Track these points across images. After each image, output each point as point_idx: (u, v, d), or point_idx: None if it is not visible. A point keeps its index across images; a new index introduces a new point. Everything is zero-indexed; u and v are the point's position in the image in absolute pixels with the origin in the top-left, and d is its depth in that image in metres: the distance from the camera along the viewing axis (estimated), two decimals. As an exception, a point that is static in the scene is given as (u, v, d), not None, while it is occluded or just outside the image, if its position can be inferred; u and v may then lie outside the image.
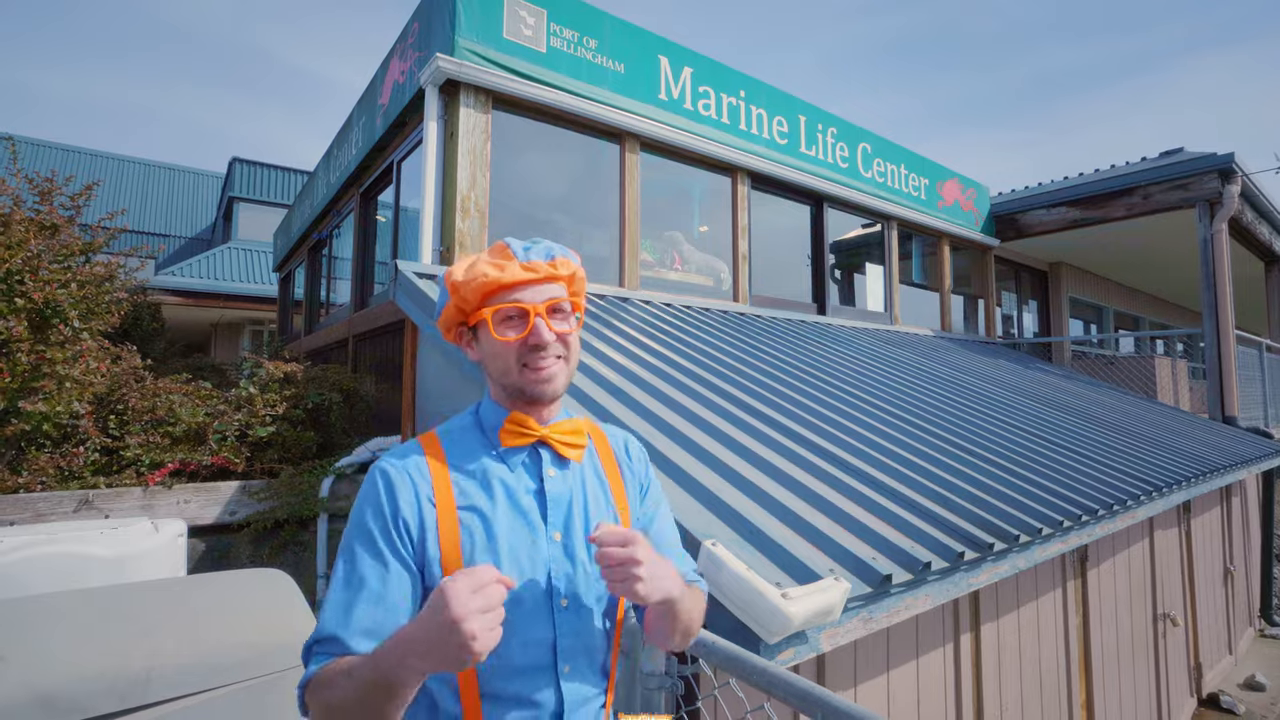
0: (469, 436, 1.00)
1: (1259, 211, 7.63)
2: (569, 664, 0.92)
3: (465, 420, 1.03)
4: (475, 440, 0.99)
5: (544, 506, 0.96)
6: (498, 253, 0.99)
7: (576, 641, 0.93)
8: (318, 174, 7.15)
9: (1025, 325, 9.24)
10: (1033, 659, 3.02)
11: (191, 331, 13.94)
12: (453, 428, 1.01)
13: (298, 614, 1.96)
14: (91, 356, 3.37)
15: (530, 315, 0.95)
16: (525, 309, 0.95)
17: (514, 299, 0.95)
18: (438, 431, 1.01)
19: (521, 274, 0.95)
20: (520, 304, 0.95)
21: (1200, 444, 4.86)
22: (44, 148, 16.73)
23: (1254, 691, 5.22)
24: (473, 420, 1.03)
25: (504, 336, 0.95)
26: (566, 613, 0.93)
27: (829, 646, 1.59)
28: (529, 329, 0.95)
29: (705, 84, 5.05)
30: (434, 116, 3.84)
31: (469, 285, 0.95)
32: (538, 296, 0.96)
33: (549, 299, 0.97)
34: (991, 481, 2.69)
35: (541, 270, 0.97)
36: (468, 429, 1.01)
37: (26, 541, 2.49)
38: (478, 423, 1.02)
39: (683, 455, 2.22)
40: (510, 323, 0.96)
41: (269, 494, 3.42)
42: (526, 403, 0.98)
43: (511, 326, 0.96)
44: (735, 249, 5.33)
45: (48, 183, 3.89)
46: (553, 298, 0.98)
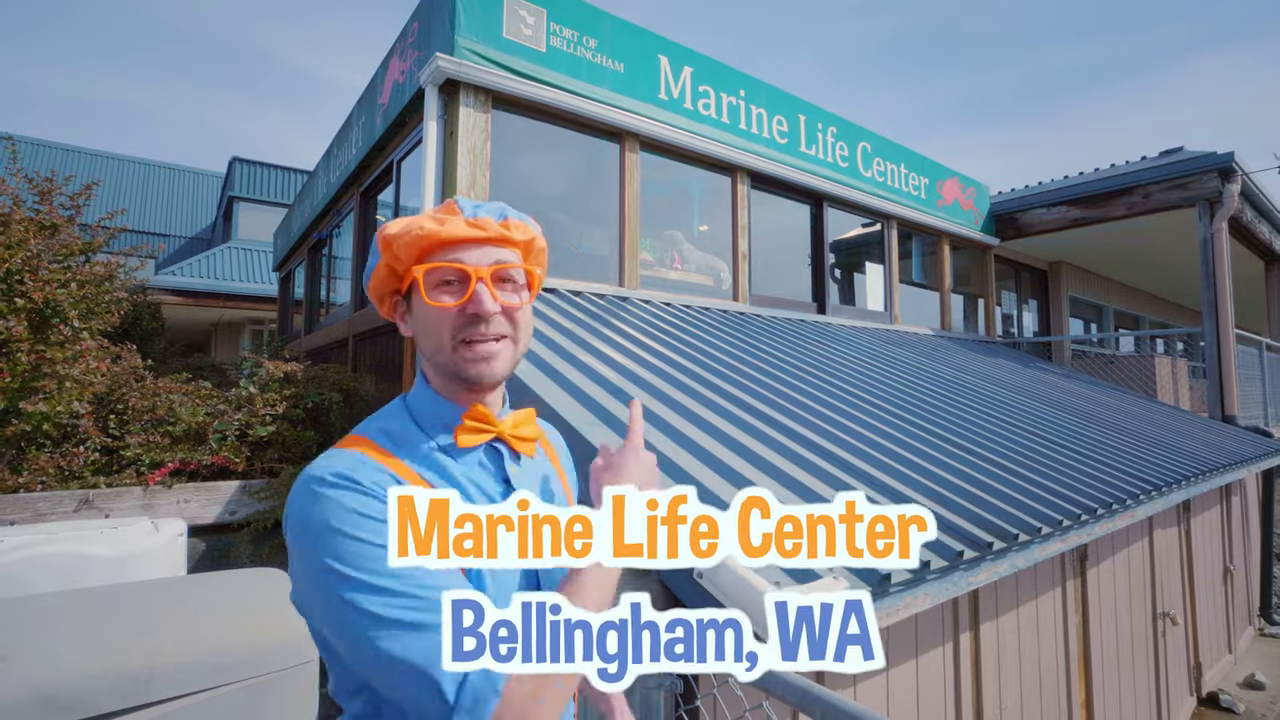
0: (410, 435, 0.82)
1: (1259, 210, 7.62)
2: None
3: (398, 418, 0.85)
4: (417, 439, 0.82)
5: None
6: (442, 209, 0.84)
7: None
8: (317, 173, 7.15)
9: (1025, 324, 9.24)
10: (1032, 658, 3.02)
11: (192, 331, 13.95)
12: (387, 427, 0.83)
13: (297, 614, 1.97)
14: (91, 356, 3.38)
15: (471, 279, 0.80)
16: (466, 270, 0.80)
17: (454, 258, 0.80)
18: (365, 432, 0.82)
19: (465, 230, 0.80)
20: (460, 264, 0.80)
21: (1200, 443, 4.86)
22: (44, 147, 16.74)
23: (1254, 690, 5.22)
24: (405, 416, 0.85)
25: (438, 301, 0.80)
26: None
27: (828, 645, 1.59)
28: (468, 295, 0.80)
29: (705, 83, 5.05)
30: (434, 116, 3.84)
31: (402, 239, 0.80)
32: (483, 259, 0.81)
33: (496, 262, 0.82)
34: (991, 480, 2.70)
35: (490, 229, 0.82)
36: (404, 427, 0.84)
37: (27, 541, 2.50)
38: (412, 419, 0.85)
39: (681, 454, 2.22)
40: (446, 287, 0.81)
41: (269, 493, 3.43)
42: (463, 388, 0.84)
43: (448, 291, 0.81)
44: (735, 248, 5.33)
45: (47, 182, 3.89)
46: (501, 261, 0.83)
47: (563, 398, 2.49)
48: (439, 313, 0.80)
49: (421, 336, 0.84)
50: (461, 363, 0.81)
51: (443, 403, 0.85)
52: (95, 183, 4.32)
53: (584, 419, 2.32)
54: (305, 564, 0.70)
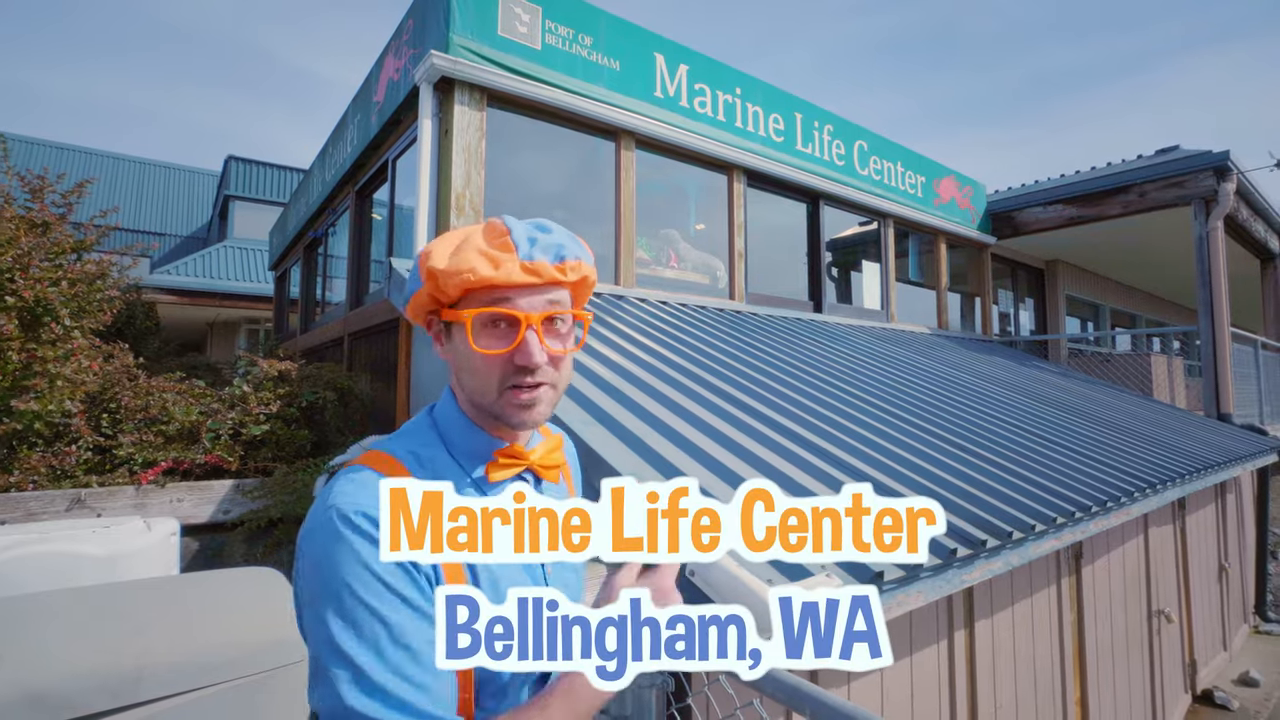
0: (440, 463, 0.81)
1: (1254, 209, 7.64)
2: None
3: (428, 439, 0.83)
4: (448, 467, 0.81)
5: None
6: (493, 238, 0.78)
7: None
8: (313, 172, 7.13)
9: (1022, 323, 9.25)
10: (1027, 656, 3.02)
11: (187, 330, 13.91)
12: (419, 452, 0.80)
13: (291, 613, 1.96)
14: (83, 355, 3.36)
15: (522, 327, 0.76)
16: (516, 318, 0.76)
17: (505, 304, 0.76)
18: (394, 453, 0.79)
19: (520, 277, 0.76)
20: (511, 311, 0.76)
21: (1195, 441, 4.87)
22: (38, 146, 16.68)
23: (1248, 688, 5.24)
24: (436, 439, 0.83)
25: (486, 349, 0.77)
26: None
27: (821, 643, 1.59)
28: (517, 343, 0.77)
29: (701, 81, 5.04)
30: (429, 114, 3.83)
31: (451, 278, 0.76)
32: (535, 304, 0.77)
33: (548, 307, 0.79)
34: (986, 478, 2.69)
35: (546, 274, 0.77)
36: (436, 453, 0.81)
37: (18, 540, 2.48)
38: (443, 444, 0.83)
39: (676, 453, 2.22)
40: (495, 331, 0.78)
41: (263, 493, 3.41)
42: (501, 426, 0.82)
43: (495, 335, 0.77)
44: (731, 247, 5.33)
45: (39, 180, 3.87)
46: (553, 305, 0.79)
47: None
48: (485, 360, 0.78)
49: (463, 374, 0.81)
50: (507, 408, 0.79)
51: (478, 433, 0.83)
52: (88, 180, 4.30)
53: (580, 418, 2.32)
54: (312, 604, 0.69)
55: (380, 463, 0.77)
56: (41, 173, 3.99)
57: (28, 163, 13.74)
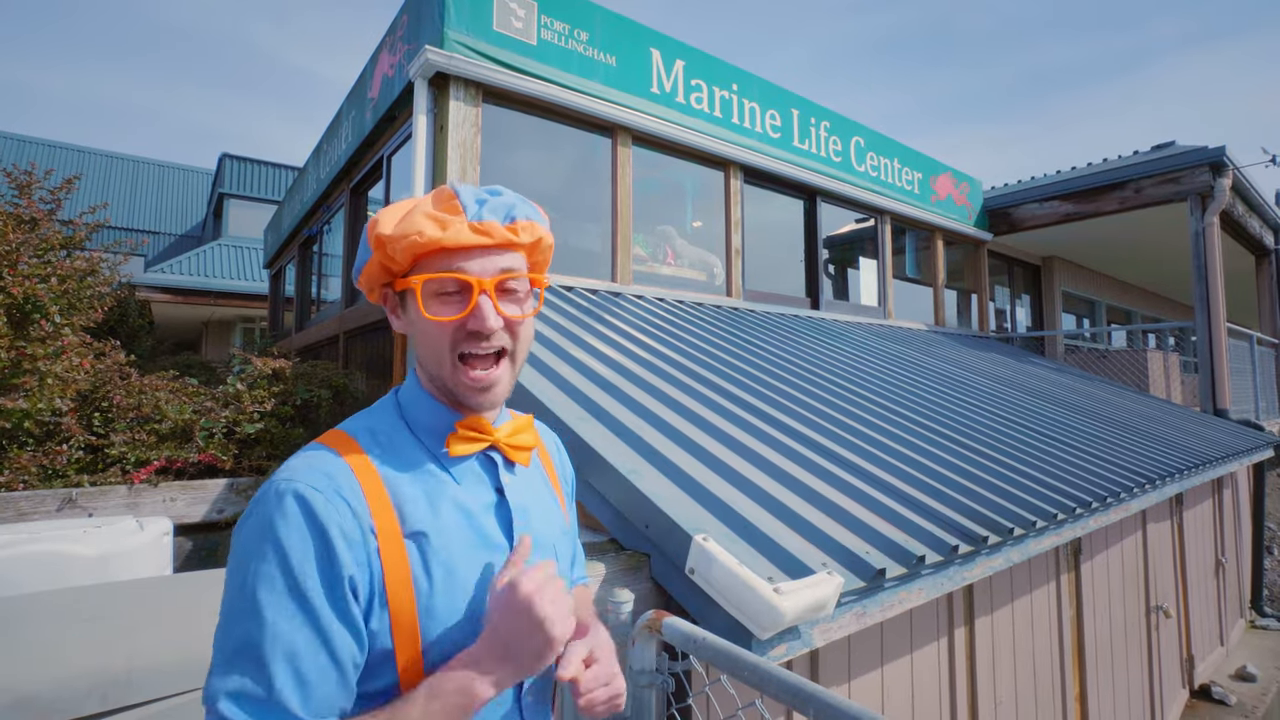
0: (398, 438, 0.78)
1: (1250, 205, 7.65)
2: (532, 693, 0.84)
3: (387, 417, 0.80)
4: (406, 443, 0.78)
5: (508, 519, 0.80)
6: (442, 202, 0.76)
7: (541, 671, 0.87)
8: (308, 170, 7.08)
9: (1018, 319, 9.26)
10: (1026, 652, 3.02)
11: (182, 329, 13.84)
12: (374, 426, 0.78)
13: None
14: (74, 352, 3.32)
15: (474, 290, 0.74)
16: (468, 282, 0.74)
17: (455, 268, 0.74)
18: (352, 431, 0.77)
19: (470, 237, 0.73)
20: (462, 275, 0.74)
21: (1192, 436, 4.87)
22: (29, 143, 16.56)
23: (1245, 682, 5.25)
24: (396, 416, 0.81)
25: (437, 315, 0.75)
26: None
27: (822, 642, 1.57)
28: (470, 308, 0.74)
29: (697, 77, 5.01)
30: (423, 110, 3.80)
31: (398, 243, 0.73)
32: (487, 268, 0.75)
33: (501, 271, 0.76)
34: (985, 474, 2.68)
35: (497, 235, 0.75)
36: (394, 429, 0.79)
37: (8, 540, 2.45)
38: (403, 421, 0.80)
39: (674, 449, 2.20)
40: (447, 298, 0.75)
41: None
42: (462, 406, 0.80)
43: (447, 302, 0.75)
44: (728, 244, 5.31)
45: (26, 176, 3.83)
46: (506, 270, 0.76)
47: (555, 394, 2.46)
48: (437, 326, 0.75)
49: (418, 344, 0.79)
50: (461, 389, 0.77)
51: (438, 409, 0.80)
52: (75, 176, 4.25)
53: (576, 415, 2.30)
54: (231, 561, 0.68)
55: (336, 440, 0.75)
56: (30, 169, 3.95)
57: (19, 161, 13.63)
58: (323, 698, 0.64)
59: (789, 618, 1.42)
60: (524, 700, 0.83)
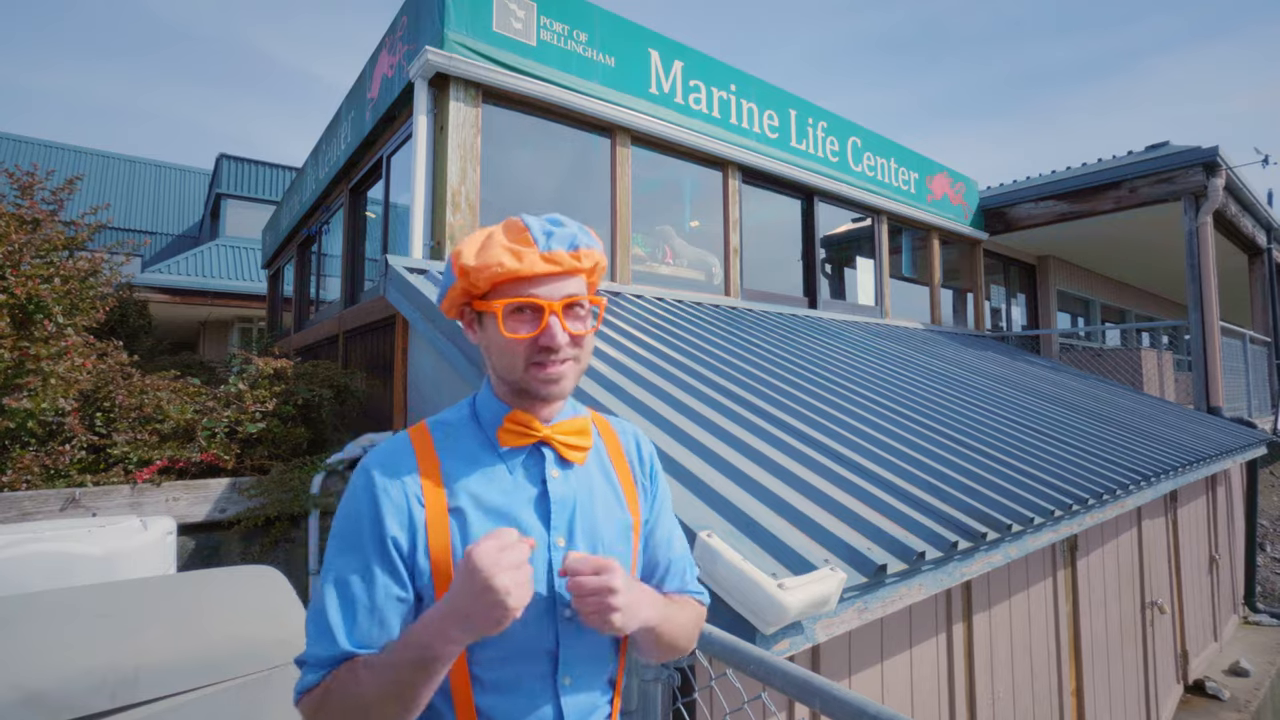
0: (465, 430, 0.93)
1: (1243, 204, 7.71)
2: (570, 675, 0.89)
3: (461, 412, 0.96)
4: (471, 435, 0.92)
5: (547, 511, 0.90)
6: (515, 235, 0.89)
7: (580, 652, 0.89)
8: (306, 170, 7.08)
9: (1014, 318, 9.31)
10: (1024, 647, 3.05)
11: (180, 329, 13.80)
12: (448, 419, 0.95)
13: (289, 610, 1.95)
14: (76, 353, 3.32)
15: (545, 313, 0.87)
16: (540, 305, 0.87)
17: (529, 294, 0.87)
18: (430, 423, 0.94)
19: (541, 266, 0.86)
20: (535, 300, 0.86)
21: (1186, 434, 4.91)
22: (26, 144, 16.49)
23: (1238, 677, 5.30)
24: (469, 413, 0.96)
25: (514, 334, 0.87)
26: (570, 622, 0.88)
27: (824, 637, 1.59)
28: (542, 328, 0.87)
29: (696, 78, 5.03)
30: (423, 110, 3.81)
31: (481, 273, 0.86)
32: (555, 293, 0.88)
33: (567, 296, 0.89)
34: (983, 472, 2.71)
35: (563, 263, 0.88)
36: (464, 422, 0.94)
37: (12, 540, 2.46)
38: (474, 416, 0.95)
39: (677, 448, 2.22)
40: (522, 317, 0.88)
41: (259, 491, 3.39)
42: (529, 400, 0.92)
43: (523, 322, 0.88)
44: (726, 243, 5.33)
45: (29, 176, 3.83)
46: (571, 295, 0.89)
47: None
48: (513, 343, 0.88)
49: (494, 356, 0.91)
50: (533, 383, 0.89)
51: (500, 404, 0.94)
52: (77, 176, 4.24)
53: (578, 413, 2.31)
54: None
55: (414, 429, 0.93)
56: (32, 169, 3.95)
57: (17, 161, 13.59)
58: (365, 631, 0.81)
59: (793, 613, 1.44)
60: (560, 683, 0.87)
